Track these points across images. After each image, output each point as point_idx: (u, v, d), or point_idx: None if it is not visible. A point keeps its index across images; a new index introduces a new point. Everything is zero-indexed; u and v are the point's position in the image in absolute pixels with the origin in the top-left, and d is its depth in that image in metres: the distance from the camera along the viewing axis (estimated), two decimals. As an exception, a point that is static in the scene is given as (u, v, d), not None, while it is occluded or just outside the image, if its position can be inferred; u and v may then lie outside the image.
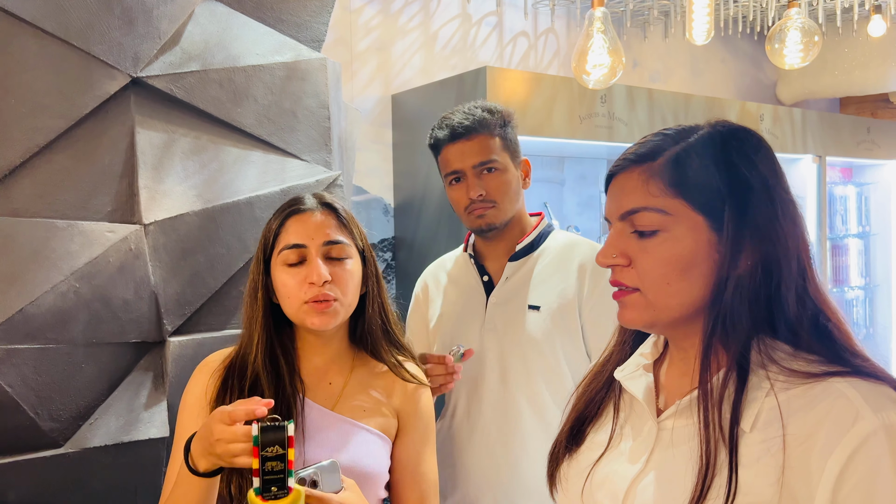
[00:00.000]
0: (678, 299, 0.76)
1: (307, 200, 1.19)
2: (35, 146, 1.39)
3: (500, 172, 1.47)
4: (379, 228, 2.63)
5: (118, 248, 1.46)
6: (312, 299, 1.12)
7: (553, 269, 1.51)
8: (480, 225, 1.49)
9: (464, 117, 1.47)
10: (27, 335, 1.36)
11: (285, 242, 1.15)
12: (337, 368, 1.21)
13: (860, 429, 0.66)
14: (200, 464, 0.97)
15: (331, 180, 1.77)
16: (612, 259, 0.79)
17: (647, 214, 0.77)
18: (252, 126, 1.66)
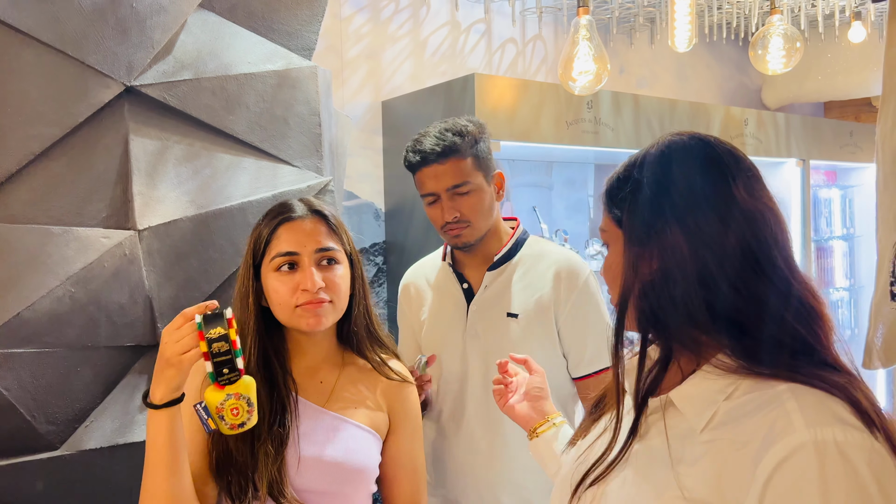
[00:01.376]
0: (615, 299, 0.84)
1: (297, 207, 1.22)
2: (31, 154, 1.42)
3: (473, 193, 1.51)
4: (370, 233, 2.66)
5: (113, 253, 1.48)
6: (306, 303, 1.15)
7: (530, 278, 1.56)
8: (457, 243, 1.56)
9: (435, 143, 1.50)
10: (24, 339, 1.38)
11: (277, 250, 1.17)
12: (327, 367, 1.24)
13: (789, 441, 0.65)
14: (157, 393, 0.99)
15: (322, 186, 1.80)
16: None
17: (602, 234, 0.88)
18: (244, 133, 1.69)
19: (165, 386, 0.99)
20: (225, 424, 0.98)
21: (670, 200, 0.78)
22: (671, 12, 2.26)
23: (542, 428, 1.16)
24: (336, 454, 1.16)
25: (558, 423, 1.17)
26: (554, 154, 2.88)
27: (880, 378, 3.70)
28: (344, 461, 1.16)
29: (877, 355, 1.58)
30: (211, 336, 0.95)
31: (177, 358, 0.97)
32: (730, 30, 3.40)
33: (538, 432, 1.16)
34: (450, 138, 1.51)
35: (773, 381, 0.71)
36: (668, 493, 0.73)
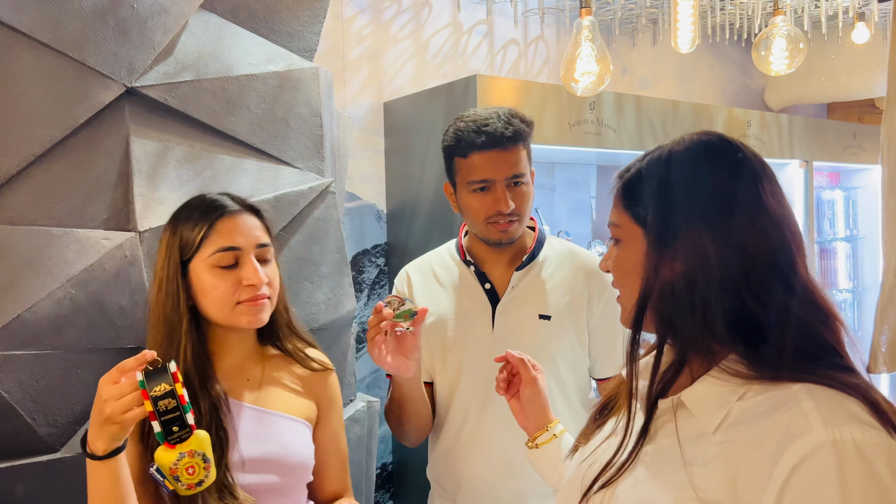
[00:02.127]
0: (623, 303, 0.85)
1: (231, 202, 1.21)
2: (31, 155, 1.41)
3: (526, 186, 1.45)
4: (371, 234, 2.66)
5: (113, 255, 1.48)
6: (249, 299, 1.14)
7: (559, 278, 1.51)
8: (501, 238, 1.45)
9: (504, 125, 1.41)
10: (24, 341, 1.38)
11: (218, 245, 1.15)
12: (252, 364, 1.25)
13: (807, 441, 0.65)
14: (98, 445, 0.96)
15: (323, 187, 1.80)
16: (605, 265, 0.89)
17: (613, 228, 0.87)
18: (245, 134, 1.69)
19: (108, 440, 0.95)
20: (181, 485, 0.94)
21: (701, 203, 0.76)
22: (674, 13, 2.25)
23: (542, 438, 1.14)
24: (276, 450, 1.18)
25: (558, 433, 1.16)
26: (556, 155, 2.88)
27: (884, 382, 3.68)
28: (285, 456, 1.18)
29: (882, 359, 1.57)
30: (156, 394, 0.91)
31: (119, 417, 0.92)
32: (733, 31, 3.39)
33: (538, 443, 1.14)
34: (518, 124, 1.42)
35: (787, 383, 0.71)
36: (682, 494, 0.72)
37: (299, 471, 1.21)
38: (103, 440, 0.95)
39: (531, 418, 1.18)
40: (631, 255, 0.82)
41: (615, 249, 0.85)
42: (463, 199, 1.48)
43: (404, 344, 1.32)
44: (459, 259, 1.57)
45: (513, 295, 1.50)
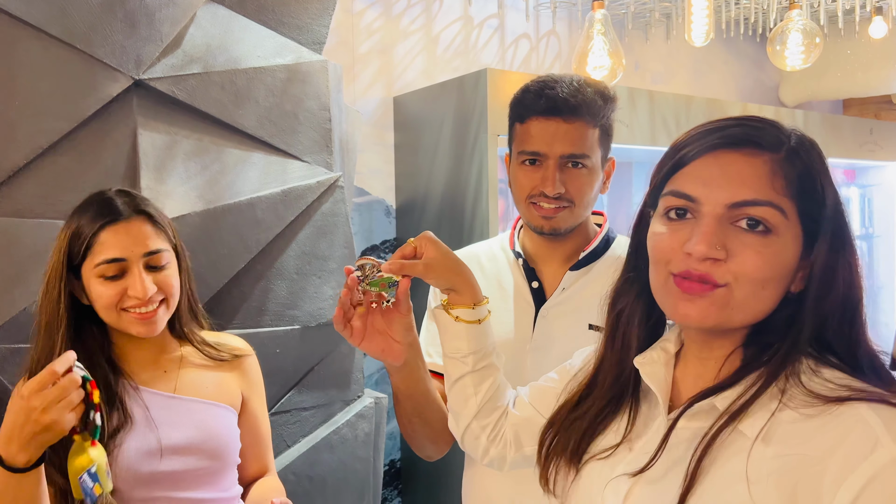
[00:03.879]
0: (763, 305, 0.71)
1: (121, 207, 1.15)
2: (38, 148, 1.41)
3: (587, 171, 1.21)
4: (381, 230, 2.64)
5: (121, 248, 1.47)
6: (135, 309, 1.12)
7: None
8: (542, 226, 1.24)
9: (571, 92, 1.19)
10: (30, 335, 1.37)
11: (103, 256, 1.11)
12: (166, 357, 1.24)
13: (878, 457, 0.61)
14: (20, 457, 0.94)
15: (332, 181, 1.78)
16: (715, 251, 0.69)
17: (768, 211, 0.69)
18: (253, 128, 1.68)
19: (38, 448, 0.94)
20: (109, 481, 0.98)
21: (844, 212, 0.73)
22: (688, 7, 2.22)
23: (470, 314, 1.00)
24: (197, 435, 1.19)
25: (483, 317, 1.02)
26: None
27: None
28: (206, 440, 1.20)
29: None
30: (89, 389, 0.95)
31: (63, 416, 0.91)
32: (747, 25, 3.35)
33: (463, 318, 1.00)
34: (590, 94, 1.20)
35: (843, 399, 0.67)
36: None
37: (224, 455, 1.23)
38: (32, 450, 0.94)
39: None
40: (790, 252, 0.70)
41: (762, 240, 0.69)
42: (512, 172, 1.28)
43: (389, 320, 1.04)
44: (509, 249, 1.36)
45: (562, 297, 1.27)
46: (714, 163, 0.71)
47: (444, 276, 0.98)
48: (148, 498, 1.13)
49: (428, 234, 0.98)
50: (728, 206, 0.69)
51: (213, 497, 1.22)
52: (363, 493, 1.92)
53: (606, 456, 0.79)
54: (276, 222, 1.68)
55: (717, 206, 0.70)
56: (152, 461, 1.13)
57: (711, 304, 0.70)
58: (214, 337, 1.32)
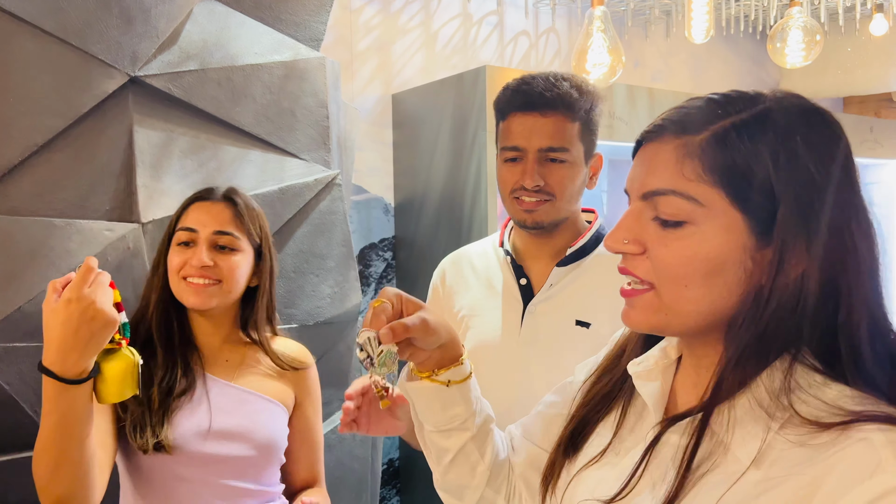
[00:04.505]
0: (694, 306, 0.64)
1: (214, 191, 1.28)
2: (34, 145, 1.40)
3: (567, 165, 1.23)
4: (379, 228, 2.63)
5: (116, 246, 1.46)
6: (191, 277, 1.21)
7: (609, 281, 1.21)
8: (525, 220, 1.26)
9: (546, 87, 1.22)
10: (25, 333, 1.36)
11: (182, 224, 1.24)
12: (230, 347, 1.30)
13: (879, 482, 0.53)
14: (78, 366, 0.91)
15: (329, 179, 1.77)
16: (622, 245, 0.66)
17: (674, 200, 0.63)
18: (250, 125, 1.67)
19: (95, 351, 0.92)
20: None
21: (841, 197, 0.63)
22: (688, 4, 2.21)
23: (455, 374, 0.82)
24: (245, 424, 1.23)
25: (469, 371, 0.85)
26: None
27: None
28: (253, 430, 1.24)
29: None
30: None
31: (112, 309, 0.91)
32: (747, 22, 3.34)
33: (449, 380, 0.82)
34: (565, 88, 1.22)
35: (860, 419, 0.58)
36: None
37: (268, 448, 1.26)
38: (90, 353, 0.91)
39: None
40: (715, 246, 0.62)
41: (672, 233, 0.63)
42: (497, 170, 1.31)
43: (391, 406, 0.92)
44: (499, 247, 1.38)
45: (549, 293, 1.29)
46: (642, 154, 0.68)
47: (442, 334, 0.80)
48: (191, 478, 1.17)
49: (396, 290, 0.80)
50: (640, 196, 0.66)
51: (253, 489, 1.25)
52: (361, 492, 1.92)
53: (594, 462, 0.74)
54: (274, 220, 1.66)
55: (634, 195, 0.67)
56: (200, 441, 1.18)
57: (645, 306, 0.66)
58: (281, 343, 1.36)
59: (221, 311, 1.27)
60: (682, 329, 0.66)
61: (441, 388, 0.82)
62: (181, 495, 1.17)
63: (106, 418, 1.13)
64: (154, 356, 1.20)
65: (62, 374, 0.90)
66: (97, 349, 0.92)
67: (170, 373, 1.20)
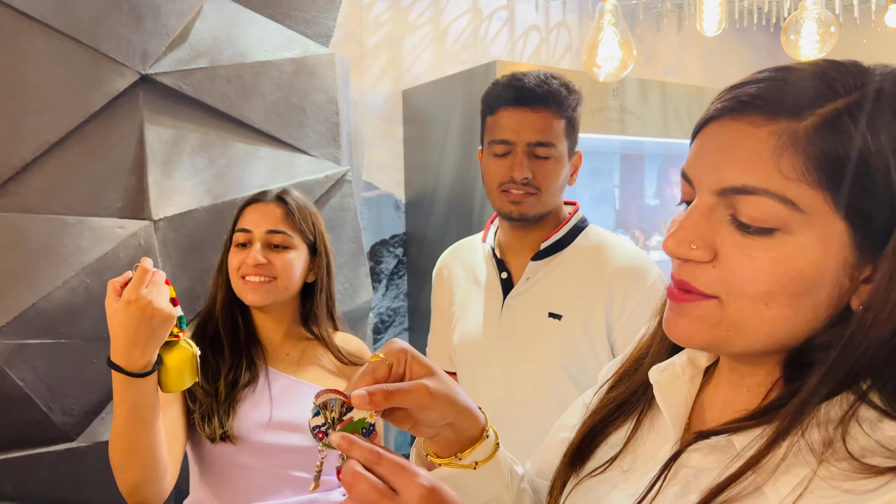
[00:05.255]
0: (769, 328, 0.51)
1: (268, 193, 1.32)
2: (45, 143, 1.41)
3: (553, 161, 1.27)
4: (390, 224, 2.63)
5: (128, 243, 1.47)
6: (248, 277, 1.25)
7: (582, 274, 1.31)
8: (511, 211, 1.28)
9: (537, 83, 1.25)
10: (39, 330, 1.37)
11: (239, 226, 1.29)
12: (291, 342, 1.33)
13: None
14: (141, 360, 0.96)
15: (339, 175, 1.77)
16: (688, 249, 0.52)
17: (765, 202, 0.49)
18: (260, 122, 1.67)
19: (157, 346, 0.98)
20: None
21: None
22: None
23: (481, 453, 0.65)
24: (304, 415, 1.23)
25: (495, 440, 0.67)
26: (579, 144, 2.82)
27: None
28: None
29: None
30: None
31: (169, 307, 0.96)
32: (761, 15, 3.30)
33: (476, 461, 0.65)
34: (555, 85, 1.26)
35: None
36: None
37: None
38: (152, 348, 0.97)
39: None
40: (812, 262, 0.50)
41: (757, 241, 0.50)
42: (483, 164, 1.33)
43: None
44: (482, 242, 1.42)
45: (525, 287, 1.32)
46: (715, 135, 0.53)
47: (449, 408, 0.61)
48: (253, 467, 1.20)
49: (405, 345, 0.63)
50: (717, 191, 0.52)
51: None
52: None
53: (600, 472, 0.64)
54: (284, 217, 1.67)
55: (705, 189, 0.53)
56: (261, 432, 1.21)
57: (703, 317, 0.53)
58: (342, 338, 1.39)
59: (280, 307, 1.30)
60: (745, 350, 0.54)
61: (468, 473, 0.65)
62: (244, 483, 1.21)
63: (177, 410, 1.19)
64: (221, 351, 1.26)
65: (128, 368, 0.97)
66: (158, 344, 0.98)
67: (235, 367, 1.25)
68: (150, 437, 1.02)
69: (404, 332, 2.68)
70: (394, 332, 2.65)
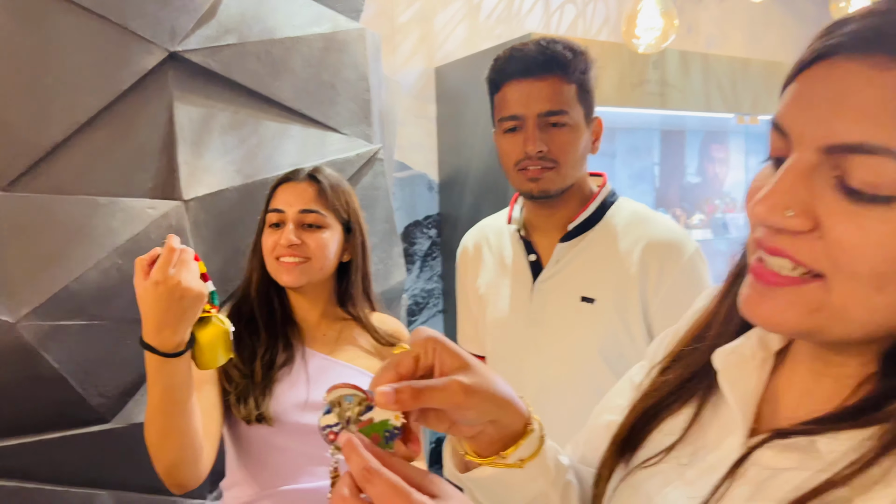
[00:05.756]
0: (878, 316, 0.44)
1: (300, 171, 1.29)
2: (75, 123, 1.39)
3: (568, 129, 1.18)
4: (423, 205, 2.59)
5: (159, 224, 1.45)
6: (282, 257, 1.22)
7: (613, 253, 1.23)
8: (531, 189, 1.21)
9: (539, 50, 1.18)
10: (72, 311, 1.37)
11: (272, 206, 1.26)
12: (328, 322, 1.31)
13: None
14: (174, 340, 0.93)
15: (371, 154, 1.73)
16: (782, 217, 0.44)
17: (887, 165, 0.41)
18: (290, 99, 1.63)
19: (188, 325, 0.95)
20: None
21: None
22: (746, -40, 2.08)
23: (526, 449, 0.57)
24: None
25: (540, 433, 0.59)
26: (617, 120, 2.74)
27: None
28: None
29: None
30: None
31: (199, 285, 0.93)
32: (809, -18, 3.16)
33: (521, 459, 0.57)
34: (558, 49, 1.18)
35: None
36: None
37: None
38: (184, 328, 0.94)
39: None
40: None
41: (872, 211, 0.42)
42: (498, 145, 1.26)
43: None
44: (507, 223, 1.35)
45: (555, 270, 1.25)
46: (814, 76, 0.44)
47: (488, 404, 0.52)
48: (290, 448, 1.19)
49: (433, 333, 0.53)
50: (823, 147, 0.43)
51: None
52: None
53: (653, 464, 0.56)
54: (316, 196, 1.64)
55: (807, 144, 0.43)
56: (298, 413, 1.19)
57: (793, 303, 0.45)
58: (379, 319, 1.35)
59: (316, 288, 1.28)
60: (841, 338, 0.46)
61: (513, 473, 0.57)
62: (280, 464, 1.19)
63: (213, 391, 1.17)
64: (257, 332, 1.24)
65: (160, 348, 0.94)
66: (190, 323, 0.95)
67: (271, 347, 1.24)
68: (184, 418, 1.00)
69: (438, 315, 2.65)
70: (428, 314, 2.62)
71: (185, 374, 0.98)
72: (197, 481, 1.04)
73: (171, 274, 0.91)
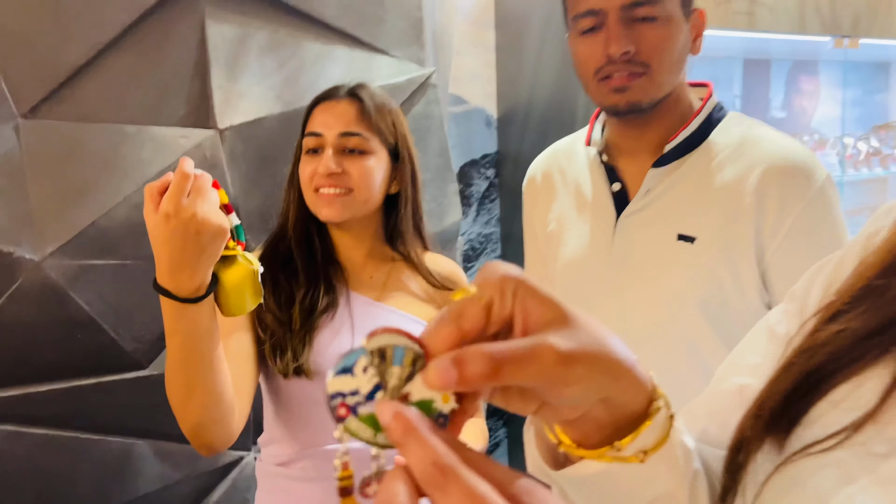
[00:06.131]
0: None
1: (340, 88, 1.14)
2: (99, 43, 1.27)
3: (660, 23, 0.96)
4: (480, 142, 2.41)
5: (192, 155, 1.32)
6: (321, 189, 1.09)
7: (721, 180, 1.00)
8: (617, 102, 0.99)
9: None
10: (101, 250, 1.27)
11: (308, 129, 1.11)
12: (375, 263, 1.17)
13: None
14: (192, 283, 0.79)
15: (424, 79, 1.57)
16: None
17: None
18: (334, 17, 1.47)
19: (208, 266, 0.80)
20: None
21: None
22: None
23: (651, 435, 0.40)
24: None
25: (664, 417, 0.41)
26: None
27: None
28: None
29: None
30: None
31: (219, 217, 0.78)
32: None
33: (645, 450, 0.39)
34: None
35: None
36: None
37: None
38: (203, 269, 0.79)
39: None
40: None
41: None
42: (573, 50, 1.04)
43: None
44: (585, 145, 1.13)
45: (645, 202, 1.04)
46: None
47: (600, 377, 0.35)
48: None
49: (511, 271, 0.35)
50: None
51: None
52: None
53: (824, 449, 0.39)
54: (363, 126, 1.49)
55: None
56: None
57: None
58: (432, 260, 1.21)
59: (361, 224, 1.14)
60: None
61: (630, 469, 0.40)
62: (321, 421, 1.07)
63: (245, 339, 1.04)
64: (295, 275, 1.11)
65: (177, 292, 0.80)
66: (211, 262, 0.80)
67: (312, 291, 1.10)
68: (209, 372, 0.86)
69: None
70: (486, 260, 2.47)
71: (207, 322, 0.83)
72: (227, 442, 0.92)
73: (185, 205, 0.76)
